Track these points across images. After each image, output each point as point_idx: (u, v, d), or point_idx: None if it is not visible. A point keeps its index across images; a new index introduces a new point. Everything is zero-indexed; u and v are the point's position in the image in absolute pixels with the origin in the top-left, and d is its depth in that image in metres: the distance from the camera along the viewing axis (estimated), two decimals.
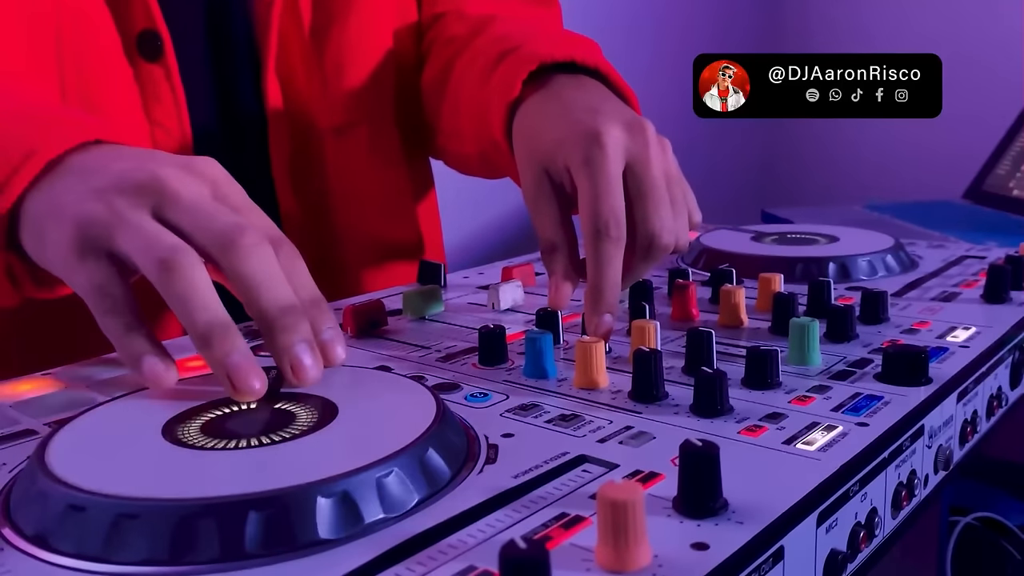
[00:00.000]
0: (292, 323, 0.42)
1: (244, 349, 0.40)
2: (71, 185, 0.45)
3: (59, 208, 0.45)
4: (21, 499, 0.33)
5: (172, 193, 0.43)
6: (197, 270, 0.41)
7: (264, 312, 0.42)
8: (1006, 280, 0.62)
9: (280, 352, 0.42)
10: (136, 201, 0.43)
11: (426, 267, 0.71)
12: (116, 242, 0.42)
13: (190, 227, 0.43)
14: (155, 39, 0.65)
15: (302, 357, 0.41)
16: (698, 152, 2.04)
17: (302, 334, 0.42)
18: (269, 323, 0.42)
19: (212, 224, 0.42)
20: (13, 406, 0.45)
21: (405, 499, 0.33)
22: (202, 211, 0.43)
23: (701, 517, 0.32)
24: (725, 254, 0.74)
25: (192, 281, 0.40)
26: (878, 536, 0.39)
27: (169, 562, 0.29)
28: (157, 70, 0.66)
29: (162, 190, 0.43)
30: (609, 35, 1.84)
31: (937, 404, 0.44)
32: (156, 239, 0.41)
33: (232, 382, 0.40)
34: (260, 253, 0.42)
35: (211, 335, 0.40)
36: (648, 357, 0.44)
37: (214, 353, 0.40)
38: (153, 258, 0.41)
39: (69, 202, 0.44)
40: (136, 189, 0.43)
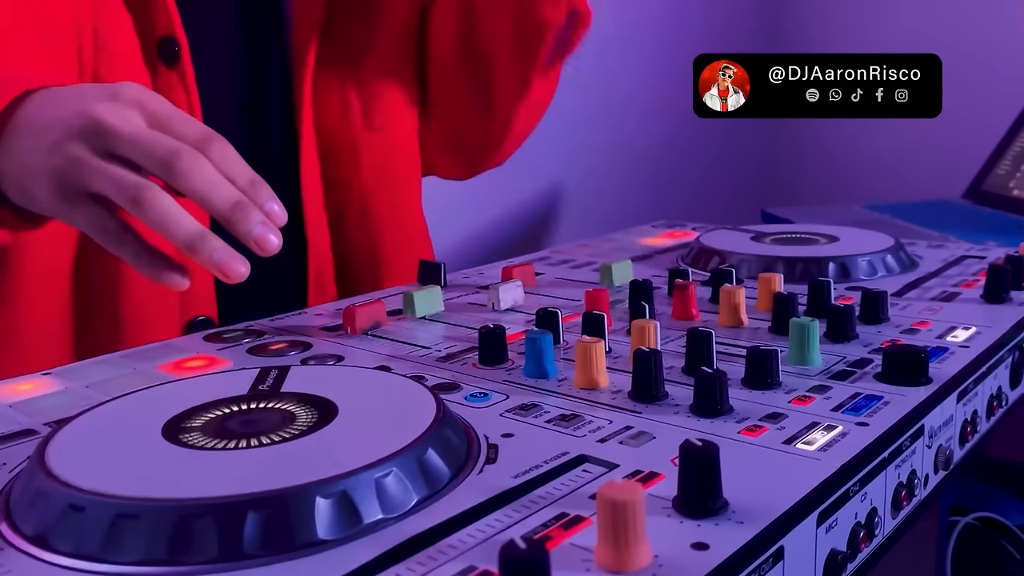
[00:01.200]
0: (243, 214, 0.49)
1: (222, 246, 0.49)
2: (28, 144, 0.52)
3: (29, 167, 0.52)
4: (21, 499, 0.33)
5: (112, 129, 0.50)
6: (163, 198, 0.49)
7: (219, 213, 0.49)
8: (1006, 280, 0.62)
9: (244, 238, 0.49)
10: (87, 145, 0.50)
11: (426, 267, 0.71)
12: (90, 186, 0.50)
13: (138, 159, 0.50)
14: (173, 45, 0.66)
15: (263, 235, 0.49)
16: (698, 152, 2.04)
17: (254, 218, 0.49)
18: (226, 220, 0.49)
19: (152, 153, 0.49)
20: (13, 406, 0.45)
21: (404, 499, 0.33)
22: (140, 142, 0.50)
23: (701, 517, 0.32)
24: (725, 254, 0.74)
25: (163, 208, 0.49)
26: (878, 536, 0.39)
27: (168, 562, 0.29)
28: (173, 76, 0.67)
29: (102, 129, 0.50)
30: (610, 35, 1.84)
31: (937, 404, 0.44)
32: (120, 180, 0.49)
33: (223, 272, 0.49)
34: (197, 168, 0.49)
35: (193, 244, 0.49)
36: (648, 357, 0.44)
37: (200, 256, 0.49)
38: (125, 198, 0.49)
39: (34, 160, 0.51)
40: (81, 134, 0.50)
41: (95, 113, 0.50)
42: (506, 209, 1.68)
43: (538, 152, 1.68)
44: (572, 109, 1.70)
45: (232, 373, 0.47)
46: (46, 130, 0.51)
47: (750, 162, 2.23)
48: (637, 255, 0.81)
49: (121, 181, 0.49)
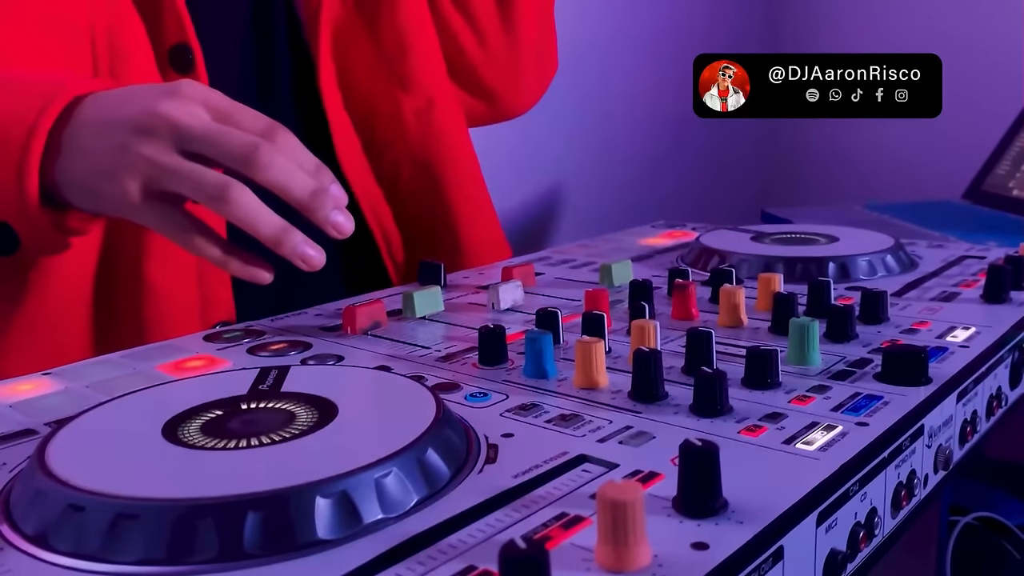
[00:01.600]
0: (321, 202, 0.53)
1: (303, 238, 0.53)
2: (94, 144, 0.53)
3: (98, 168, 0.52)
4: (21, 499, 0.33)
5: (184, 127, 0.51)
6: (247, 195, 0.51)
7: (298, 201, 0.52)
8: (1006, 280, 0.62)
9: (322, 224, 0.53)
10: (159, 144, 0.51)
11: (426, 267, 0.71)
12: (170, 187, 0.51)
13: (213, 155, 0.51)
14: (187, 53, 0.67)
15: (338, 220, 0.53)
16: (698, 152, 2.04)
17: (330, 204, 0.53)
18: (305, 207, 0.53)
19: (229, 149, 0.51)
20: (13, 406, 0.45)
21: (404, 499, 0.33)
22: (215, 138, 0.51)
23: (701, 517, 0.32)
24: (725, 254, 0.74)
25: (248, 205, 0.51)
26: (878, 536, 0.39)
27: (168, 562, 0.29)
28: None
29: (175, 127, 0.51)
30: (610, 35, 1.84)
31: (937, 404, 0.44)
32: (202, 179, 0.51)
33: (306, 263, 0.53)
34: (275, 161, 0.51)
35: (279, 238, 0.52)
36: (648, 357, 0.44)
37: (285, 248, 0.52)
38: (207, 196, 0.51)
39: (103, 160, 0.52)
40: (151, 133, 0.51)
41: (164, 111, 0.51)
42: (506, 209, 1.68)
43: (538, 152, 1.68)
44: (572, 109, 1.71)
45: (232, 373, 0.47)
46: (112, 130, 0.52)
47: (750, 162, 2.23)
48: (637, 255, 0.81)
49: (203, 180, 0.51)
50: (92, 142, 0.53)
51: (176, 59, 0.67)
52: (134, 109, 0.52)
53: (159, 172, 0.51)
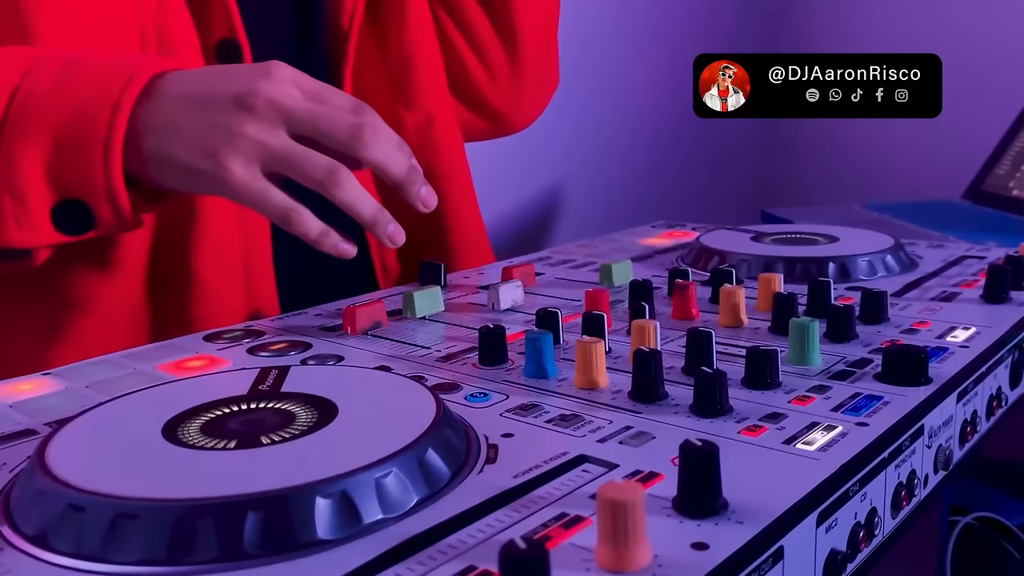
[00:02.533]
0: (415, 177, 0.57)
1: (392, 219, 0.56)
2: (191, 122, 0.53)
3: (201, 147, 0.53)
4: (21, 499, 0.33)
5: (287, 108, 0.53)
6: (352, 178, 0.54)
7: (396, 178, 0.56)
8: (1006, 280, 0.62)
9: (413, 199, 0.57)
10: (265, 125, 0.53)
11: (426, 267, 0.71)
12: (276, 169, 0.53)
13: (318, 137, 0.54)
14: (235, 47, 0.67)
15: (428, 194, 0.58)
16: (699, 152, 2.04)
17: (419, 181, 0.57)
18: (400, 183, 0.56)
19: (335, 131, 0.54)
20: (13, 406, 0.45)
21: (404, 499, 0.33)
22: (319, 120, 0.54)
23: (701, 517, 0.32)
24: (725, 254, 0.74)
25: (351, 189, 0.54)
26: (878, 536, 0.39)
27: (168, 562, 0.29)
28: None
29: (277, 108, 0.53)
30: (609, 35, 1.84)
31: (937, 404, 0.44)
32: (311, 162, 0.53)
33: (393, 241, 0.56)
34: (377, 141, 0.54)
35: (376, 219, 0.55)
36: (648, 357, 0.44)
37: (379, 229, 0.56)
38: (315, 180, 0.53)
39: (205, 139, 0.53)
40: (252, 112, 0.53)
41: (265, 91, 0.53)
42: (506, 209, 1.68)
43: (538, 152, 1.68)
44: (572, 109, 1.70)
45: (232, 373, 0.47)
46: (210, 108, 0.53)
47: (750, 162, 2.23)
48: (637, 255, 0.81)
49: (313, 163, 0.53)
50: (187, 120, 0.53)
51: (223, 53, 0.67)
52: (231, 88, 0.53)
53: (267, 153, 0.52)
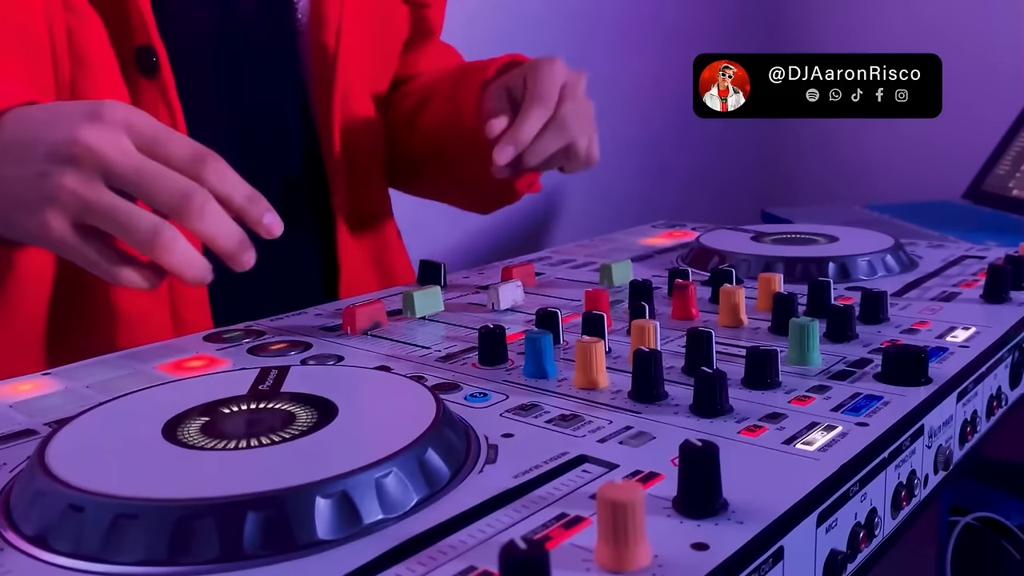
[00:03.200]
0: (247, 253, 0.52)
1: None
2: (11, 172, 0.51)
3: (15, 197, 0.50)
4: (21, 499, 0.33)
5: (108, 161, 0.49)
6: (178, 241, 0.49)
7: (224, 253, 0.51)
8: (1006, 280, 0.62)
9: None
10: (85, 177, 0.49)
11: (426, 267, 0.70)
12: (97, 224, 0.49)
13: (143, 196, 0.49)
14: (151, 55, 0.65)
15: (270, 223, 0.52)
16: (698, 152, 2.04)
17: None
18: (230, 257, 0.51)
19: (159, 195, 0.49)
20: (13, 406, 0.45)
21: (404, 499, 0.33)
22: (143, 180, 0.49)
23: (701, 517, 0.32)
24: (725, 254, 0.74)
25: (181, 252, 0.49)
26: (878, 536, 0.39)
27: (168, 562, 0.29)
28: (152, 87, 0.65)
29: (98, 160, 0.49)
30: (609, 35, 1.84)
31: (937, 404, 0.44)
32: (132, 223, 0.49)
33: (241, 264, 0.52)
34: (206, 210, 0.50)
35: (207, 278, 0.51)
36: (648, 357, 0.44)
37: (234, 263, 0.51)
38: (137, 241, 0.49)
39: (20, 189, 0.50)
40: (73, 162, 0.49)
41: (87, 140, 0.49)
42: (506, 209, 1.68)
43: None
44: None
45: (232, 373, 0.47)
46: (31, 157, 0.50)
47: (750, 162, 2.23)
48: (637, 255, 0.81)
49: (134, 224, 0.49)
50: (9, 169, 0.51)
51: (141, 62, 0.65)
52: (55, 135, 0.50)
53: (85, 208, 0.49)
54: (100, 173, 0.49)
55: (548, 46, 1.80)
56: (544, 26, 1.63)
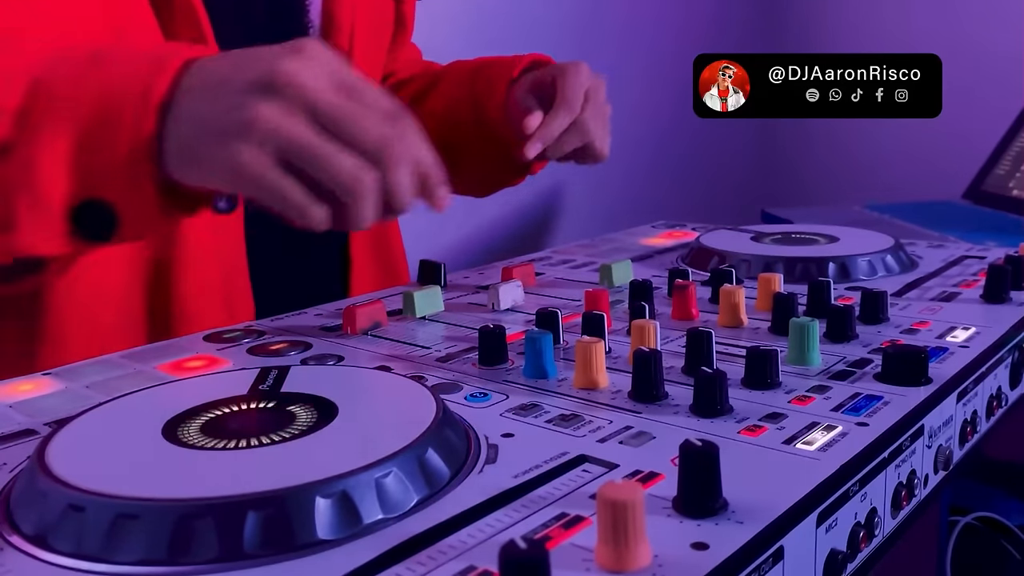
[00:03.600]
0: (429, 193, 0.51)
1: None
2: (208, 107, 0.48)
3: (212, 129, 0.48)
4: (21, 499, 0.33)
5: (312, 95, 0.47)
6: (376, 189, 0.48)
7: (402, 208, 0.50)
8: (1006, 280, 0.62)
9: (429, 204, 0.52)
10: (286, 109, 0.47)
11: (426, 267, 0.70)
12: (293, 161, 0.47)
13: (344, 135, 0.48)
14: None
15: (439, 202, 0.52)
16: (698, 152, 2.04)
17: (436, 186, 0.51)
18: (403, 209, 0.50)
19: (363, 138, 0.48)
20: (13, 406, 0.45)
21: (404, 499, 0.33)
22: (347, 120, 0.48)
23: (701, 517, 0.32)
24: (725, 254, 0.74)
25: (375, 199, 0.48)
26: (878, 536, 0.39)
27: (168, 562, 0.29)
28: None
29: (301, 92, 0.47)
30: (609, 35, 1.84)
31: (937, 404, 0.44)
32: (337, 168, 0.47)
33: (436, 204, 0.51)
34: (401, 163, 0.48)
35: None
36: (648, 357, 0.44)
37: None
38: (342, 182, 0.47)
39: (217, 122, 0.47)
40: (274, 93, 0.47)
41: (287, 71, 0.47)
42: (506, 209, 1.68)
43: None
44: None
45: (232, 373, 0.47)
46: (226, 90, 0.48)
47: (750, 162, 2.23)
48: (637, 255, 0.81)
49: (336, 162, 0.47)
50: (204, 105, 0.48)
51: None
52: (254, 68, 0.48)
53: (284, 140, 0.47)
54: (302, 106, 0.47)
55: (548, 45, 1.80)
56: (544, 26, 1.64)
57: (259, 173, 0.47)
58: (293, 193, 0.48)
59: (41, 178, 0.49)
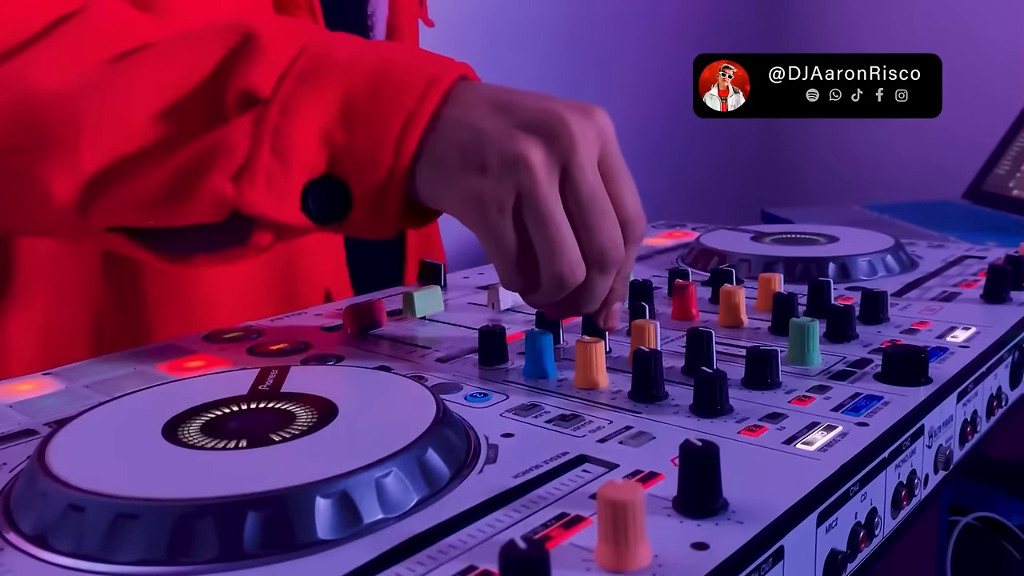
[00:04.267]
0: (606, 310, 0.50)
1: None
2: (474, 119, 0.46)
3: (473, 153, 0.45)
4: (21, 499, 0.33)
5: (578, 161, 0.44)
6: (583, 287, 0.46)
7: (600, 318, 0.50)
8: (1006, 280, 0.62)
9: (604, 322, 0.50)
10: (550, 162, 0.44)
11: (426, 267, 0.70)
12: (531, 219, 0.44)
13: (580, 221, 0.45)
14: None
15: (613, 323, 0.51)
16: (698, 152, 2.04)
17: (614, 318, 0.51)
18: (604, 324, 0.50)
19: (599, 231, 0.45)
20: (13, 406, 0.45)
21: (404, 499, 0.33)
22: (592, 209, 0.45)
23: (701, 517, 0.32)
24: (725, 254, 0.74)
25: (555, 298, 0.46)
26: (878, 536, 0.39)
27: (168, 562, 0.29)
28: None
29: (572, 150, 0.44)
30: (608, 35, 1.84)
31: (937, 404, 0.44)
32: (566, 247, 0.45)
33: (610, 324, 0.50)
34: (609, 280, 0.47)
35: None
36: (648, 357, 0.44)
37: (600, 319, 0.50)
38: (557, 266, 0.45)
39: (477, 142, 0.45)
40: (547, 138, 0.44)
41: (571, 123, 0.44)
42: None
43: None
44: None
45: (232, 373, 0.47)
46: (503, 116, 0.45)
47: (750, 162, 2.23)
48: (637, 255, 0.81)
49: (565, 245, 0.44)
50: (474, 119, 0.45)
51: None
52: (536, 105, 0.45)
53: (532, 196, 0.44)
54: (563, 167, 0.44)
55: (546, 46, 1.80)
56: (541, 26, 1.63)
57: (496, 217, 0.45)
58: (510, 253, 0.46)
59: (291, 137, 0.46)
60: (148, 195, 0.46)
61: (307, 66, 0.47)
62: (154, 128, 0.47)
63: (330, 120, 0.46)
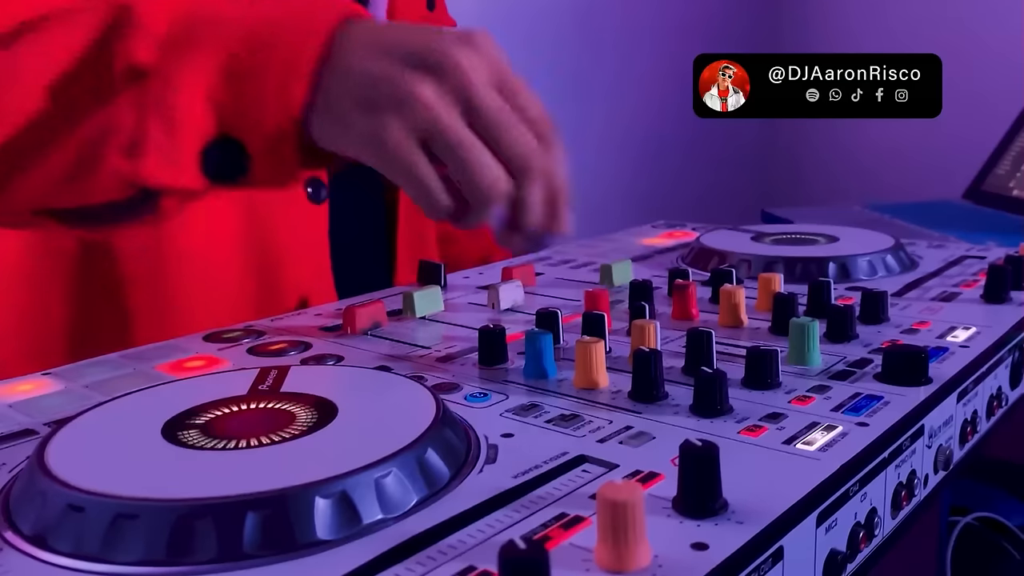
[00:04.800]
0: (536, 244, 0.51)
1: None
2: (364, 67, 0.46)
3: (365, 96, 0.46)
4: (21, 499, 0.33)
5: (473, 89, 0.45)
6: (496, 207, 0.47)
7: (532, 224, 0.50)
8: (1006, 280, 0.62)
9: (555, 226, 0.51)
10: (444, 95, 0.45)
11: (426, 267, 0.70)
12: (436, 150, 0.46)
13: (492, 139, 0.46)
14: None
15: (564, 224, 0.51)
16: (698, 152, 2.04)
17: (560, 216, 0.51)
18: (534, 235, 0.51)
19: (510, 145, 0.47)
20: (13, 406, 0.45)
21: (404, 499, 0.33)
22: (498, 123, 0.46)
23: (701, 517, 0.32)
24: (725, 254, 0.74)
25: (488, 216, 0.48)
26: (878, 536, 0.39)
27: (168, 562, 0.29)
28: None
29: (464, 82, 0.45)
30: (609, 35, 1.84)
31: (937, 404, 0.44)
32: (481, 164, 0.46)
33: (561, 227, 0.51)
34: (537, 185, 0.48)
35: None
36: (648, 357, 0.44)
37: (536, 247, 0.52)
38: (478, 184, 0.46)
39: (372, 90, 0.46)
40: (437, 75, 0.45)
41: (455, 56, 0.45)
42: None
43: None
44: (572, 109, 1.70)
45: (232, 373, 0.47)
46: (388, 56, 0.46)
47: (750, 162, 2.23)
48: (637, 255, 0.81)
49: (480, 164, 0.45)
50: (361, 64, 0.46)
51: None
52: (421, 40, 0.46)
53: (435, 126, 0.45)
54: (461, 96, 0.46)
55: (546, 46, 1.80)
56: (544, 26, 1.64)
57: (402, 151, 0.46)
58: (430, 179, 0.46)
59: (177, 105, 0.46)
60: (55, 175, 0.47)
61: (186, 31, 0.47)
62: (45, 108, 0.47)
63: (214, 82, 0.46)
